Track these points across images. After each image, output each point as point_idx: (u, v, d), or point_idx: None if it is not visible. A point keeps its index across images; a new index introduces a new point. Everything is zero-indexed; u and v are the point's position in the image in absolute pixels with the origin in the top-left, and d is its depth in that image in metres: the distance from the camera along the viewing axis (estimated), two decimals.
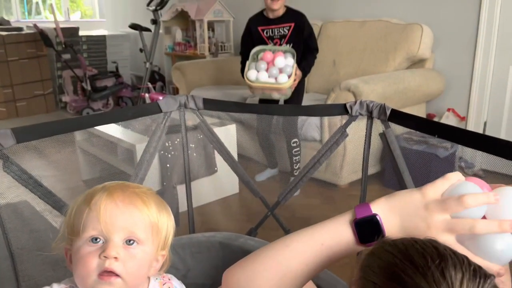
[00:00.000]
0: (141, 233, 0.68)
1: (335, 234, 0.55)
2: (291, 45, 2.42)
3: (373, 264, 0.44)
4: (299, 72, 2.32)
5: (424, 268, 0.40)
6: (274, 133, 2.62)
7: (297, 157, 2.49)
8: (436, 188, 0.53)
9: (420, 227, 0.52)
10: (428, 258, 0.41)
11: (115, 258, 0.64)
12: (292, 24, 2.42)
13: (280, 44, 2.45)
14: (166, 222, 0.73)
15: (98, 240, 0.66)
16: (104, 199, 0.67)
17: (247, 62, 2.32)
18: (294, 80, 2.25)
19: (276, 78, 2.21)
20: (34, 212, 2.10)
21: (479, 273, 0.40)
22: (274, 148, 2.70)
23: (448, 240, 0.51)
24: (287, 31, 2.43)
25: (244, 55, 2.49)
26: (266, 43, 2.46)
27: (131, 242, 0.68)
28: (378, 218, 0.54)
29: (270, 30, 2.46)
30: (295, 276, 0.56)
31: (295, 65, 2.24)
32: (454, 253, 0.42)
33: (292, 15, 2.44)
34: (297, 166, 2.49)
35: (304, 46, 2.44)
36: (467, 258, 0.42)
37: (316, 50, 2.50)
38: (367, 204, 0.55)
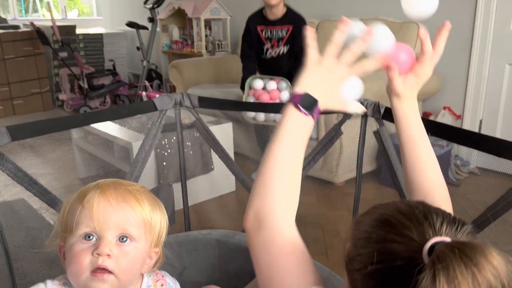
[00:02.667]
0: (134, 230, 0.69)
1: (293, 123, 0.65)
2: (289, 46, 2.45)
3: (365, 218, 0.50)
4: None
5: (410, 213, 0.47)
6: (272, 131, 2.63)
7: None
8: (333, 47, 0.67)
9: (332, 84, 0.67)
10: (413, 207, 0.48)
11: (108, 255, 0.65)
12: (291, 27, 2.43)
13: (278, 46, 2.47)
14: (159, 219, 0.73)
15: (91, 237, 0.66)
16: (97, 196, 0.67)
17: (244, 96, 2.35)
18: None
19: (274, 120, 2.28)
20: (31, 210, 2.10)
21: (458, 221, 0.46)
22: None
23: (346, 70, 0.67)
24: (285, 34, 2.45)
25: (246, 57, 2.55)
26: (264, 43, 2.49)
27: (124, 239, 0.68)
28: (309, 94, 0.65)
29: (269, 31, 2.48)
30: (293, 174, 0.63)
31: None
32: (438, 208, 0.49)
33: (291, 18, 2.44)
34: None
35: (295, 58, 2.46)
36: (449, 213, 0.48)
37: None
38: (294, 92, 0.66)
